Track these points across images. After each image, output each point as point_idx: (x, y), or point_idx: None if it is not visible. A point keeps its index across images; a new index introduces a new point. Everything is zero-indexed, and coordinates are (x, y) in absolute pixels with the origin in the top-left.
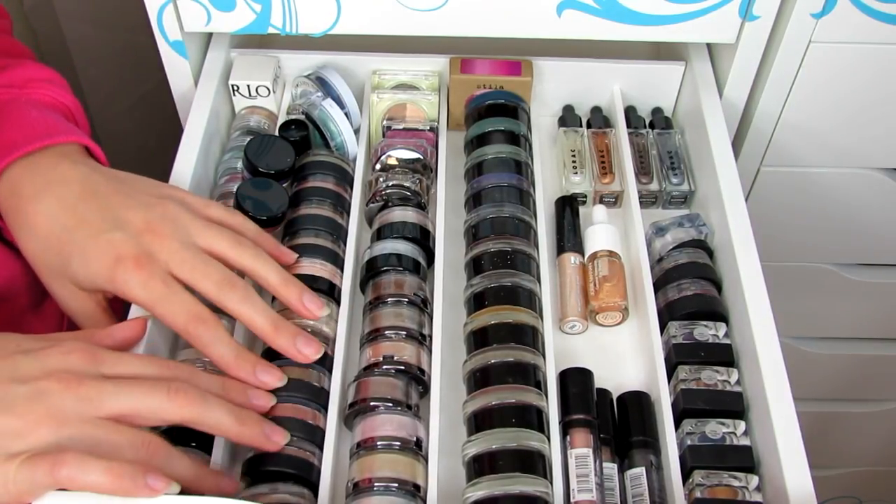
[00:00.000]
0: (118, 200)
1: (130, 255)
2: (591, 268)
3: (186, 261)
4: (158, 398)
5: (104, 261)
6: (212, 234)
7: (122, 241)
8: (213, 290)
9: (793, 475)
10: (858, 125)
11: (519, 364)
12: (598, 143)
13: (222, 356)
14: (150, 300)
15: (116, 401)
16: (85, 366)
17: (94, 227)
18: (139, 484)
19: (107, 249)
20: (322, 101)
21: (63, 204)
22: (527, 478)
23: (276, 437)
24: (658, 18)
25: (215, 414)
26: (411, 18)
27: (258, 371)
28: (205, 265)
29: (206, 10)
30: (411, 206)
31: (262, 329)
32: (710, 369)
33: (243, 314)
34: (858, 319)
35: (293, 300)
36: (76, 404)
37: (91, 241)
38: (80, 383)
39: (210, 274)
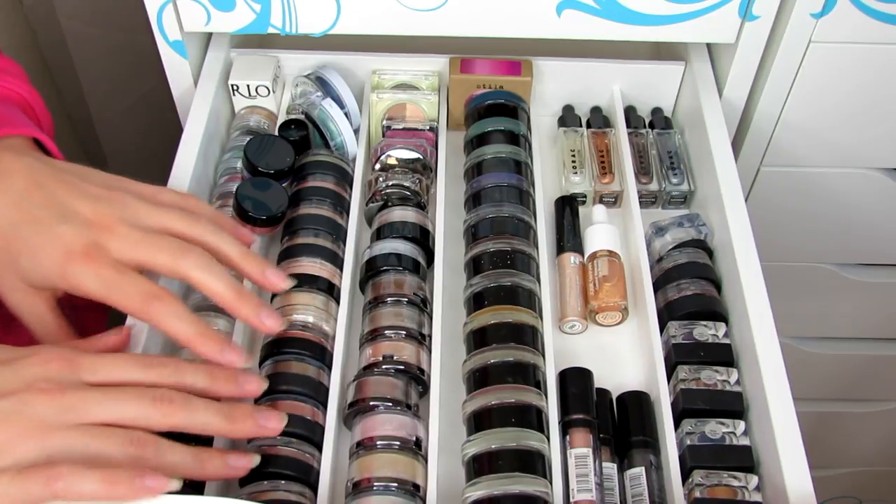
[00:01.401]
0: (64, 191)
1: (80, 248)
2: (590, 268)
3: (137, 241)
4: (144, 407)
5: (54, 256)
6: (163, 213)
7: (71, 234)
8: (169, 261)
9: (792, 475)
10: (858, 125)
11: (519, 364)
12: (597, 143)
13: (184, 332)
14: (104, 289)
15: (101, 410)
16: (65, 374)
17: (40, 221)
18: (136, 487)
19: (56, 244)
20: (322, 100)
21: (7, 198)
22: (526, 477)
23: (272, 423)
24: (658, 18)
25: (202, 417)
26: (411, 18)
27: (224, 350)
28: (156, 239)
29: (206, 10)
30: (411, 206)
31: (224, 297)
32: (710, 369)
33: (203, 281)
34: (858, 319)
35: (255, 273)
36: (59, 414)
37: (39, 237)
38: (63, 393)
39: (162, 246)
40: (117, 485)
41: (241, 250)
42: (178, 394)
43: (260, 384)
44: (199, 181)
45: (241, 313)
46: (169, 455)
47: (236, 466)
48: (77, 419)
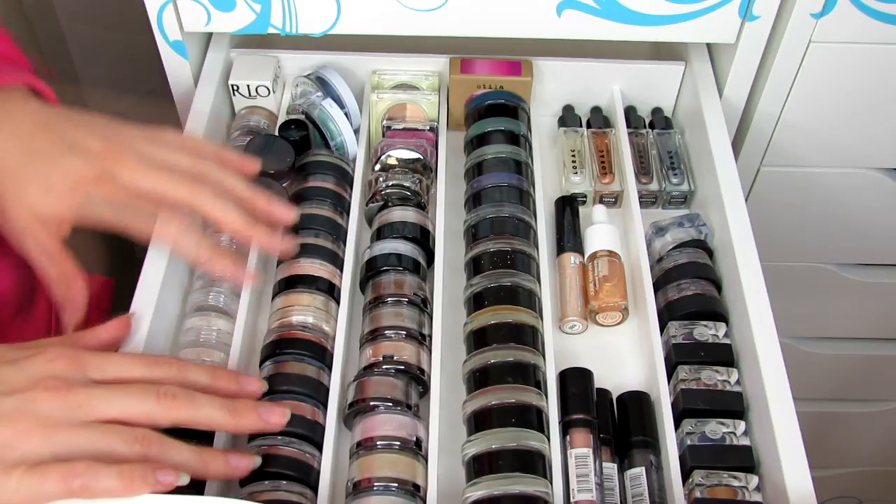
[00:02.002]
0: (72, 130)
1: (91, 175)
2: (590, 268)
3: (148, 173)
4: (148, 403)
5: (65, 184)
6: (170, 150)
7: (81, 164)
8: (182, 192)
9: (793, 475)
10: (858, 125)
11: (519, 364)
12: (597, 143)
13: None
14: (114, 214)
15: (106, 406)
16: (71, 371)
17: (51, 155)
18: (150, 482)
19: (67, 174)
20: (322, 100)
21: (17, 138)
22: (526, 478)
23: (275, 418)
24: (658, 18)
25: (206, 412)
26: (411, 18)
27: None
28: (168, 173)
29: (206, 10)
30: (411, 206)
31: (237, 224)
32: (710, 369)
33: (216, 211)
34: (858, 319)
35: (262, 204)
36: (65, 411)
37: (50, 169)
38: (69, 390)
39: (174, 178)
40: (132, 480)
41: (248, 184)
42: (181, 389)
43: (260, 385)
44: None
45: (255, 238)
46: (173, 453)
47: (238, 466)
48: (83, 416)
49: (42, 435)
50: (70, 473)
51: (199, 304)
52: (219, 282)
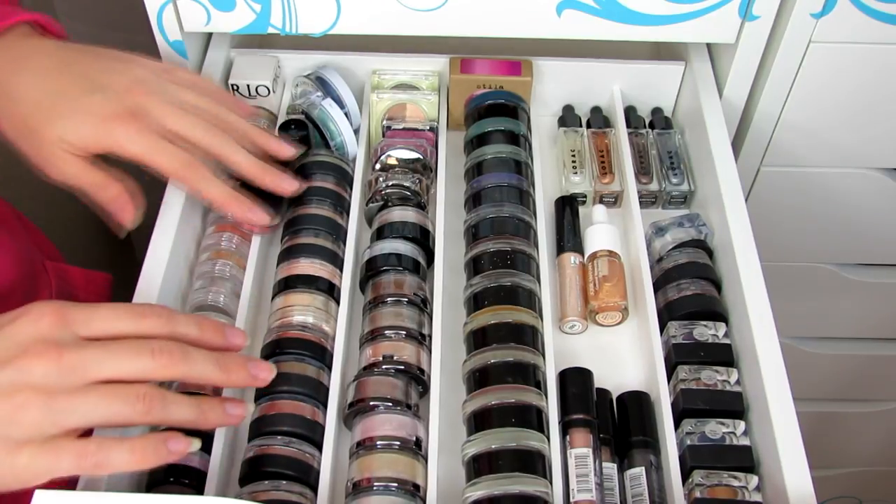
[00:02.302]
0: (93, 66)
1: (119, 112)
2: (590, 268)
3: (172, 113)
4: (143, 361)
5: (94, 120)
6: (185, 91)
7: (109, 101)
8: (203, 136)
9: (793, 475)
10: (858, 125)
11: (519, 364)
12: (597, 143)
13: (217, 194)
14: (143, 151)
15: (100, 367)
16: (59, 331)
17: (78, 90)
18: (162, 453)
19: (95, 109)
20: (322, 100)
21: (45, 71)
22: (526, 477)
23: (263, 373)
24: (658, 18)
25: (199, 367)
26: (411, 18)
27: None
28: (189, 116)
29: (206, 10)
30: (411, 206)
31: (249, 168)
32: (710, 369)
33: (232, 156)
34: (858, 319)
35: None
36: (60, 377)
37: (78, 104)
38: (60, 354)
39: (196, 123)
40: (145, 452)
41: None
42: (176, 345)
43: (243, 339)
44: None
45: (266, 181)
46: (174, 407)
47: (234, 414)
48: (79, 380)
49: (41, 405)
50: (84, 452)
51: (199, 303)
52: (218, 281)
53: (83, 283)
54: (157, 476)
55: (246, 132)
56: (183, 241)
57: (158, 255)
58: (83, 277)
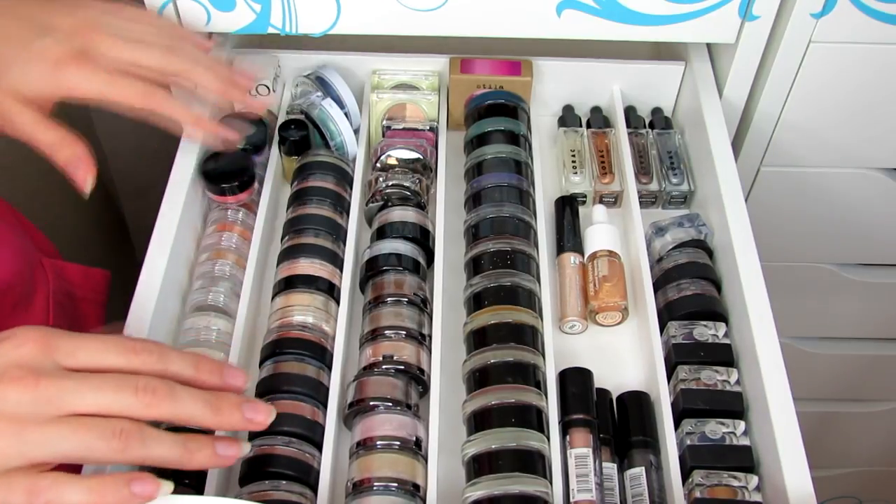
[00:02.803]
0: (38, 11)
1: (68, 55)
2: (590, 268)
3: (123, 48)
4: (125, 397)
5: (44, 66)
6: (135, 27)
7: (56, 45)
8: (160, 60)
9: (793, 475)
10: (858, 125)
11: (519, 364)
12: (597, 143)
13: (182, 115)
14: (99, 88)
15: (79, 399)
16: (39, 358)
17: (22, 37)
18: (124, 495)
19: (43, 55)
20: (322, 100)
21: None
22: (526, 477)
23: (260, 416)
24: (658, 18)
25: (187, 408)
26: (411, 18)
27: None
28: (142, 45)
29: (206, 10)
30: (411, 206)
31: (212, 84)
32: (710, 369)
33: (195, 74)
34: (858, 319)
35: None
36: (34, 406)
37: (24, 52)
38: (37, 382)
39: (150, 49)
40: (104, 494)
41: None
42: (161, 382)
43: (244, 380)
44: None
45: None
46: (155, 446)
47: (226, 455)
48: (54, 411)
49: (11, 434)
50: (35, 489)
51: (198, 303)
52: (218, 281)
53: (81, 280)
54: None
55: (200, 59)
56: (183, 241)
57: (158, 255)
58: (81, 274)
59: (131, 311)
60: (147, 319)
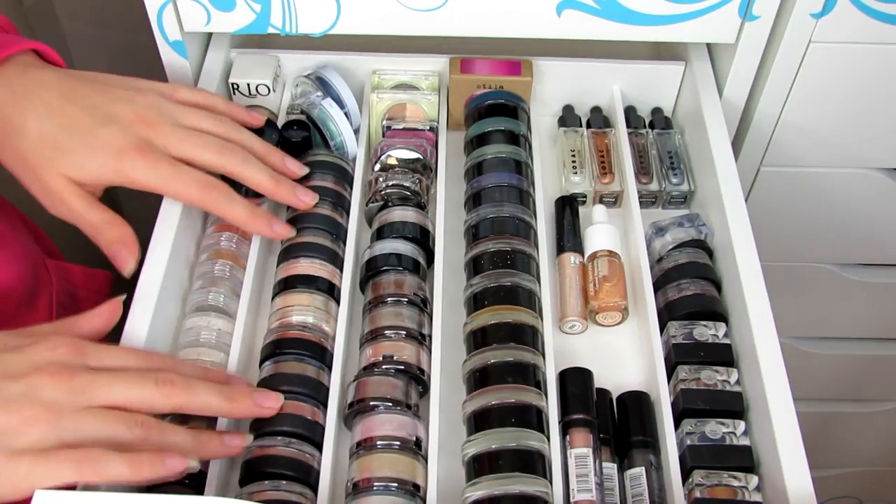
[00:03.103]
0: (100, 98)
1: (131, 144)
2: (590, 268)
3: (183, 139)
4: (148, 388)
5: (108, 153)
6: (193, 114)
7: (119, 134)
8: (215, 159)
9: (793, 475)
10: (858, 125)
11: (519, 364)
12: (597, 143)
13: (239, 214)
14: (161, 180)
15: (108, 392)
16: (72, 358)
17: (87, 123)
18: (158, 469)
19: (108, 144)
20: (321, 100)
21: (49, 105)
22: (526, 477)
23: (269, 402)
24: (658, 18)
25: (203, 397)
26: (411, 18)
27: (273, 224)
28: (200, 139)
29: (206, 10)
30: (411, 206)
31: (265, 184)
32: (710, 369)
33: (246, 174)
34: (858, 319)
35: (277, 163)
36: (69, 396)
37: (89, 139)
38: (72, 376)
39: (207, 145)
40: (142, 467)
41: (264, 146)
42: (178, 376)
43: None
44: None
45: (280, 195)
46: (171, 436)
47: (232, 445)
48: (86, 402)
49: (48, 420)
50: (83, 459)
51: (198, 304)
52: (218, 282)
53: (84, 282)
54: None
55: (256, 149)
56: (183, 241)
57: (158, 255)
58: (84, 275)
59: (131, 311)
60: (147, 319)
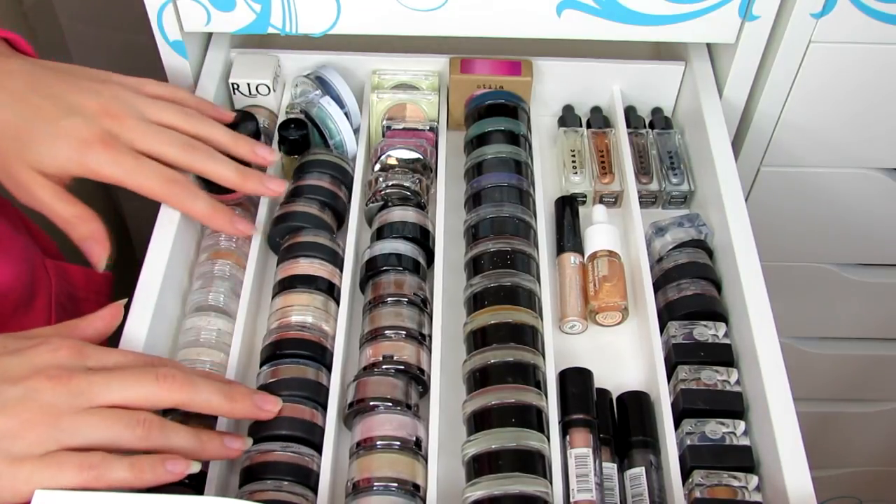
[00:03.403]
0: (66, 88)
1: (95, 137)
2: (590, 268)
3: (148, 134)
4: (148, 385)
5: (71, 145)
6: (160, 108)
7: (83, 126)
8: (180, 154)
9: (793, 475)
10: (858, 125)
11: (519, 364)
12: (597, 143)
13: (200, 209)
14: (123, 174)
15: (107, 391)
16: (73, 360)
17: (51, 114)
18: (160, 472)
19: (71, 134)
20: (320, 98)
21: (14, 94)
22: (526, 477)
23: (268, 405)
24: (658, 18)
25: (204, 394)
26: (411, 18)
27: (234, 221)
28: (165, 135)
29: (206, 10)
30: (411, 206)
31: (231, 178)
32: (710, 369)
33: (211, 169)
34: (858, 319)
35: (247, 152)
36: (68, 398)
37: (52, 129)
38: (70, 378)
39: (172, 141)
40: (143, 471)
41: (231, 136)
42: (180, 371)
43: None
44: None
45: (248, 187)
46: (173, 435)
47: (233, 448)
48: (86, 403)
49: (47, 424)
50: (85, 465)
51: (198, 304)
52: (218, 281)
53: (83, 282)
54: None
55: (223, 141)
56: (183, 241)
57: (158, 255)
58: (83, 276)
59: (131, 311)
60: (147, 319)
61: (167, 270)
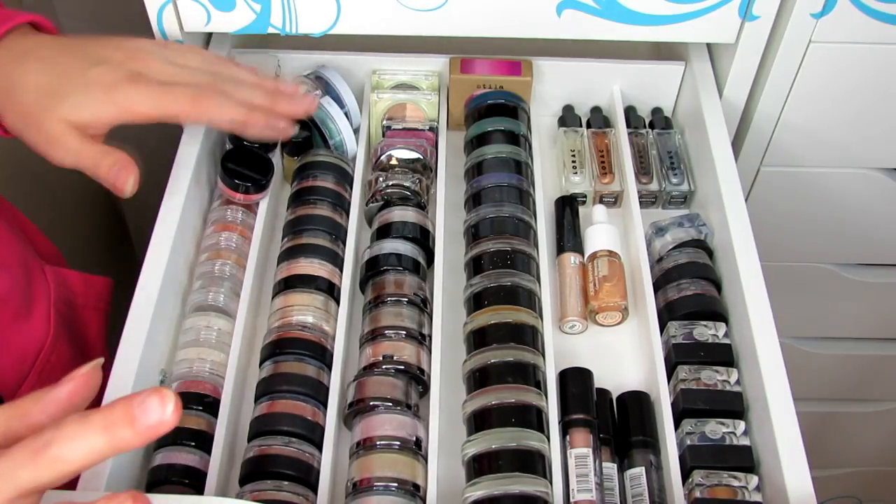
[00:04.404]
0: (93, 48)
1: (122, 77)
2: (590, 268)
3: (173, 69)
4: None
5: (100, 91)
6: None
7: (110, 71)
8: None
9: (793, 475)
10: (858, 125)
11: (518, 364)
12: (597, 143)
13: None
14: (152, 105)
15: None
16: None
17: (80, 68)
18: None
19: (99, 81)
20: (320, 98)
21: (46, 61)
22: (526, 477)
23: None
24: (658, 18)
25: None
26: (411, 18)
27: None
28: (189, 70)
29: (206, 10)
30: (411, 206)
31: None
32: (710, 369)
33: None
34: (858, 319)
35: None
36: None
37: (82, 79)
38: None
39: (197, 71)
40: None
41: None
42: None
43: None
44: (200, 181)
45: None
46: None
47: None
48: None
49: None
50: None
51: (198, 303)
52: (218, 281)
53: (82, 289)
54: (157, 476)
55: (249, 80)
56: (183, 241)
57: (158, 255)
58: (82, 282)
59: (131, 311)
60: (147, 319)
61: (167, 270)
